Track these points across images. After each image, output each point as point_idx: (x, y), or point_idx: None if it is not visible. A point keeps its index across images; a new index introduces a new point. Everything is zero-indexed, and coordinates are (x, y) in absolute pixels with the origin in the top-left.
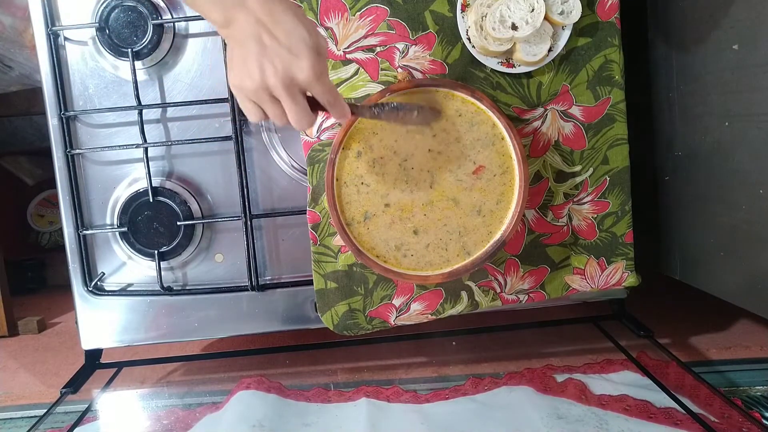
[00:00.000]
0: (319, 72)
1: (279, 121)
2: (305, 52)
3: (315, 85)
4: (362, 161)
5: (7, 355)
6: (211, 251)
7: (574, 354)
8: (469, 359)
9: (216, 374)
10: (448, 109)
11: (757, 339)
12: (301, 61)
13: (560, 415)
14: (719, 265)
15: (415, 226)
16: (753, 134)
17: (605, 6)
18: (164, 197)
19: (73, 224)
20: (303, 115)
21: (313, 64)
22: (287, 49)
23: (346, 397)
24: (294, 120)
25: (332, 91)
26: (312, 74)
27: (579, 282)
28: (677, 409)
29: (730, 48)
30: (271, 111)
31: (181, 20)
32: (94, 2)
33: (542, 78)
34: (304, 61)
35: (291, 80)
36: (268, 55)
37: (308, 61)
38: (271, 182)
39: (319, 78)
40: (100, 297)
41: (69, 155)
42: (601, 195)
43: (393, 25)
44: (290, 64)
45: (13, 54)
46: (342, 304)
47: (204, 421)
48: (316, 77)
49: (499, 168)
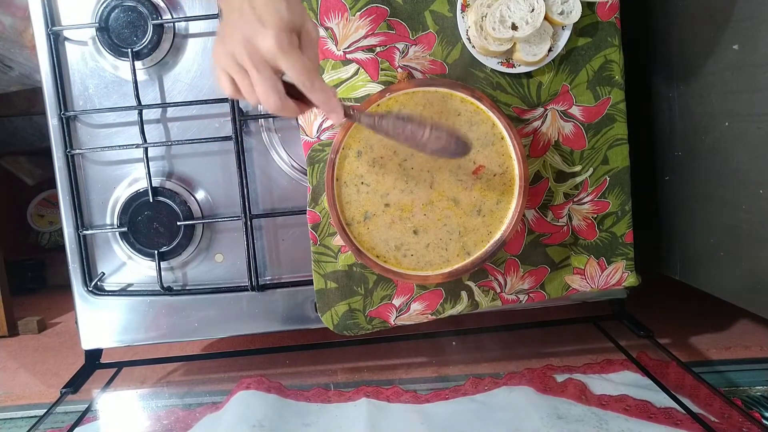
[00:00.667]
0: (284, 45)
1: (249, 96)
2: (273, 23)
3: (280, 59)
4: (362, 161)
5: (7, 355)
6: (211, 251)
7: (574, 354)
8: (469, 359)
9: (216, 374)
10: (447, 109)
11: (757, 339)
12: (267, 30)
13: (560, 415)
14: (719, 265)
15: (415, 226)
16: (753, 134)
17: (605, 6)
18: (164, 197)
19: (73, 224)
20: (269, 89)
21: (277, 35)
22: (257, 18)
23: (346, 397)
24: (260, 94)
25: (306, 72)
26: (275, 45)
27: (579, 282)
28: (677, 409)
29: (730, 48)
30: (240, 82)
31: (181, 20)
32: (94, 2)
33: (542, 78)
34: (269, 30)
35: (254, 49)
36: (238, 25)
37: (273, 30)
38: (271, 182)
39: (284, 51)
40: (100, 297)
41: (69, 155)
42: (601, 195)
43: (393, 25)
44: (255, 33)
45: (13, 54)
46: (342, 304)
47: (204, 421)
48: (280, 48)
49: (499, 168)
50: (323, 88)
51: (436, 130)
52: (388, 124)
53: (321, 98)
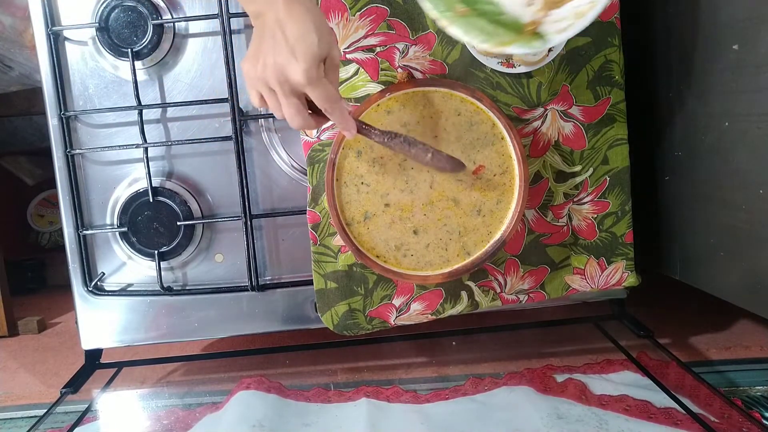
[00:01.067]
0: (313, 78)
1: (276, 112)
2: (305, 56)
3: (308, 90)
4: (362, 161)
5: (7, 355)
6: (211, 251)
7: (574, 354)
8: (469, 359)
9: (216, 374)
10: (447, 109)
11: (757, 339)
12: (298, 63)
13: (560, 415)
14: (719, 265)
15: (415, 226)
16: (753, 134)
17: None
18: (164, 197)
19: (73, 224)
20: (295, 113)
21: (307, 69)
22: (290, 50)
23: (346, 397)
24: (287, 116)
25: (330, 100)
26: (304, 78)
27: (579, 282)
28: (677, 409)
29: (730, 48)
30: (269, 101)
31: (181, 20)
32: (94, 2)
33: (542, 78)
34: (301, 65)
35: (285, 79)
36: (274, 50)
37: (304, 65)
38: (271, 182)
39: (312, 83)
40: (100, 297)
41: (69, 155)
42: (601, 195)
43: (393, 25)
44: (287, 63)
45: (13, 54)
46: (342, 304)
47: (204, 421)
48: (308, 82)
49: (499, 168)
50: (342, 111)
51: (437, 155)
52: (396, 145)
53: (339, 119)
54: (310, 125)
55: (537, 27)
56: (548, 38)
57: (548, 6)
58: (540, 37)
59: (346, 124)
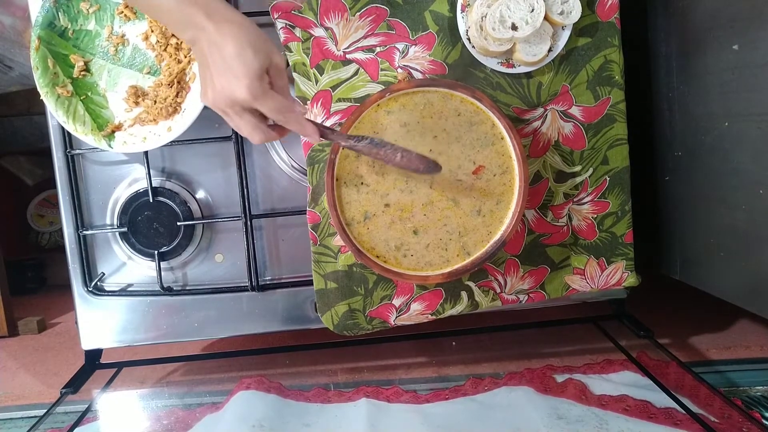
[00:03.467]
0: (257, 93)
1: (239, 131)
2: (245, 73)
3: (256, 105)
4: (362, 161)
5: (7, 355)
6: (211, 251)
7: (574, 354)
8: (469, 359)
9: (216, 374)
10: (447, 109)
11: (757, 339)
12: (240, 81)
13: (560, 415)
14: (719, 265)
15: (415, 226)
16: (753, 134)
17: (605, 6)
18: (164, 197)
19: (73, 224)
20: (252, 130)
21: (249, 85)
22: (229, 70)
23: (346, 397)
24: (246, 135)
25: (281, 111)
26: (248, 95)
27: (579, 282)
28: (677, 409)
29: (730, 48)
30: (229, 122)
31: None
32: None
33: (542, 78)
34: (242, 81)
35: (231, 100)
36: (217, 74)
37: (246, 81)
38: (271, 182)
39: (258, 98)
40: (100, 297)
41: (69, 155)
42: (601, 195)
43: (393, 25)
44: (229, 84)
45: (13, 54)
46: (342, 304)
47: (204, 421)
48: (253, 98)
49: (499, 168)
50: (296, 120)
51: (406, 154)
52: (364, 148)
53: (296, 128)
54: (272, 137)
55: (116, 131)
56: (112, 143)
57: (138, 120)
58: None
59: (305, 130)
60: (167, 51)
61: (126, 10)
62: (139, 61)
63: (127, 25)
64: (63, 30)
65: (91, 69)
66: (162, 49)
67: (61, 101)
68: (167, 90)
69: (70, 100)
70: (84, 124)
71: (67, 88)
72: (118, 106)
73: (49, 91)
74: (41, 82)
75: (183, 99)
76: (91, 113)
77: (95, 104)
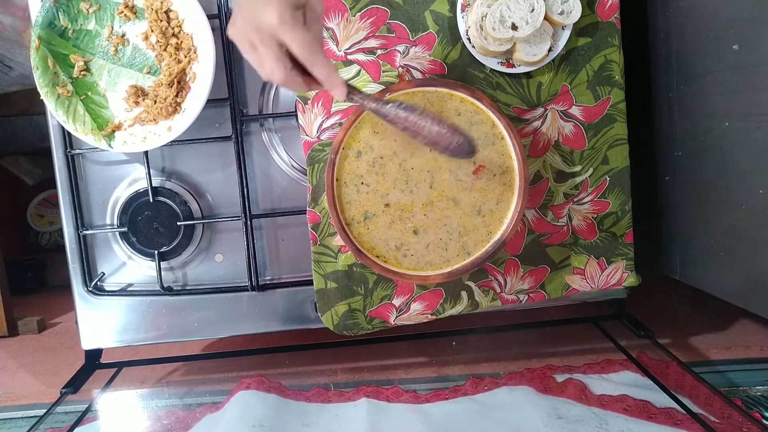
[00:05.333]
0: (286, 20)
1: (259, 70)
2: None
3: (282, 33)
4: (362, 161)
5: (7, 355)
6: (211, 251)
7: (574, 354)
8: (469, 359)
9: (216, 374)
10: (447, 109)
11: (757, 339)
12: (271, 6)
13: (560, 415)
14: (719, 265)
15: (415, 226)
16: (753, 134)
17: (605, 6)
18: (164, 197)
19: (73, 224)
20: (274, 62)
21: (280, 11)
22: None
23: (346, 397)
24: (266, 67)
25: (308, 48)
26: (277, 19)
27: (579, 282)
28: (677, 409)
29: (730, 48)
30: (250, 56)
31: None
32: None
33: (542, 78)
34: (273, 7)
35: (258, 24)
36: (251, 2)
37: (276, 7)
38: (271, 182)
39: (286, 26)
40: (100, 297)
41: (69, 155)
42: (601, 195)
43: (393, 27)
44: (260, 9)
45: (13, 54)
46: (342, 304)
47: (204, 421)
48: (282, 23)
49: (499, 168)
50: (325, 63)
51: (438, 124)
52: (390, 111)
53: (322, 72)
54: (295, 82)
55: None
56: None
57: (138, 120)
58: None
59: (331, 79)
60: (167, 51)
61: (126, 9)
62: (139, 61)
63: (127, 24)
64: (63, 30)
65: (91, 69)
66: (162, 49)
67: (61, 101)
68: (167, 90)
69: (70, 100)
70: (84, 123)
71: (67, 88)
72: (118, 105)
73: (49, 91)
74: (41, 82)
75: (183, 99)
76: (91, 113)
77: (95, 104)
